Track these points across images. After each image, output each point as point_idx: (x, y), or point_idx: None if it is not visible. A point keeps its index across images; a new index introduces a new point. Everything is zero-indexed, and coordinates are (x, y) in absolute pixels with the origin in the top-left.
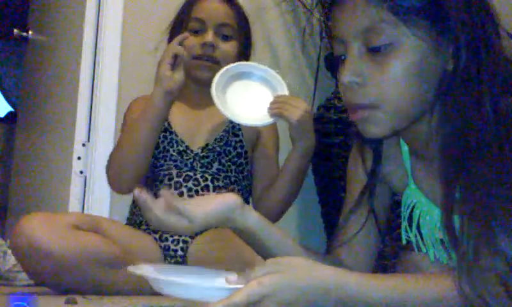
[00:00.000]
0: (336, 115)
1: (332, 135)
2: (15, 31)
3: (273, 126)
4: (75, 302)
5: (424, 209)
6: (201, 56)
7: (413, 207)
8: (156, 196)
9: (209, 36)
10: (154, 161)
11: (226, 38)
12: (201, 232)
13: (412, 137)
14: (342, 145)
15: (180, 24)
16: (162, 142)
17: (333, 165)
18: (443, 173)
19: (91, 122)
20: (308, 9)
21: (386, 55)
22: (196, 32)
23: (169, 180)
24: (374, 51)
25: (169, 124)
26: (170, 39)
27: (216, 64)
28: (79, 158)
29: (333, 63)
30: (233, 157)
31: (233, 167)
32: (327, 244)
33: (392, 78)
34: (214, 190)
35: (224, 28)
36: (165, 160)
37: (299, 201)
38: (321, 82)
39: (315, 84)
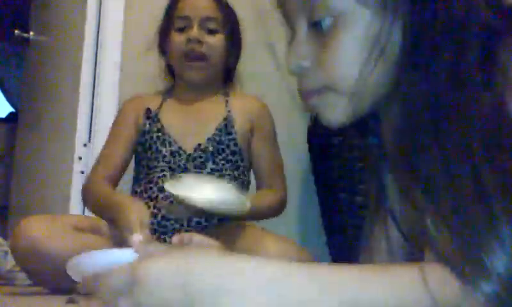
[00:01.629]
0: None
1: (331, 136)
2: (16, 31)
3: (267, 115)
4: (76, 302)
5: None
6: (189, 54)
7: None
8: (151, 199)
9: (194, 32)
10: (147, 162)
11: (212, 32)
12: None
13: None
14: (341, 145)
15: (166, 25)
16: (155, 142)
17: (332, 166)
18: (394, 171)
19: (92, 123)
20: None
21: (331, 30)
22: (182, 30)
23: (164, 182)
24: (317, 28)
25: (162, 125)
26: (160, 41)
27: (205, 62)
28: (80, 158)
29: None
30: (227, 156)
31: (227, 166)
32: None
33: (339, 56)
34: None
35: (209, 22)
36: (158, 162)
37: (299, 201)
38: None
39: None
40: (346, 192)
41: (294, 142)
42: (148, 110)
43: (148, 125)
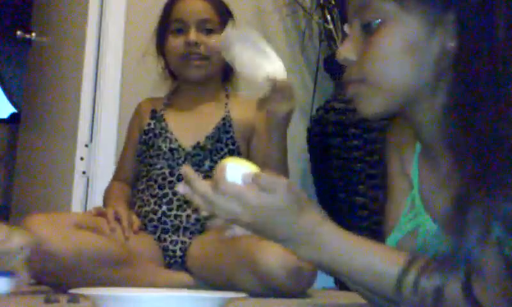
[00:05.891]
0: (336, 117)
1: (331, 137)
2: (18, 32)
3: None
4: (54, 301)
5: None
6: (188, 55)
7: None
8: (152, 195)
9: (192, 35)
10: (149, 160)
11: (209, 32)
12: (200, 232)
13: (418, 126)
14: (341, 146)
15: (163, 28)
16: (157, 140)
17: (332, 166)
18: (452, 185)
19: (94, 123)
20: (307, 12)
21: (377, 31)
22: (179, 32)
23: (163, 179)
24: (367, 28)
25: (166, 124)
26: (158, 43)
27: (205, 61)
28: (81, 158)
29: (332, 66)
30: (224, 154)
31: None
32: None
33: (377, 55)
34: None
35: (206, 23)
36: (158, 159)
37: None
38: (320, 84)
39: (315, 86)
40: (346, 192)
41: (294, 142)
42: (154, 111)
43: (152, 124)
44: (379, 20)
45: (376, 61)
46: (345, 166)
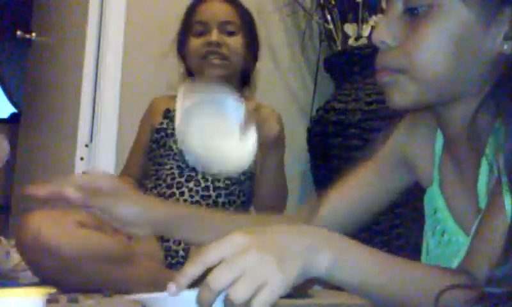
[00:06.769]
0: (336, 117)
1: (331, 137)
2: (18, 32)
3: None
4: (57, 301)
5: (448, 225)
6: (208, 53)
7: (435, 211)
8: (159, 194)
9: (214, 35)
10: (158, 159)
11: (230, 34)
12: None
13: (447, 121)
14: (341, 146)
15: (185, 30)
16: (169, 139)
17: (332, 167)
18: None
19: (94, 123)
20: (307, 12)
21: (424, 18)
22: (200, 34)
23: (172, 179)
24: (412, 12)
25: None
26: (179, 47)
27: (225, 61)
28: (81, 158)
29: (332, 66)
30: None
31: None
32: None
33: (424, 44)
34: (214, 191)
35: (227, 25)
36: (168, 159)
37: (298, 201)
38: (320, 84)
39: (315, 86)
40: None
41: (294, 142)
42: (167, 110)
43: (165, 124)
44: (428, 5)
45: (421, 50)
46: (345, 166)
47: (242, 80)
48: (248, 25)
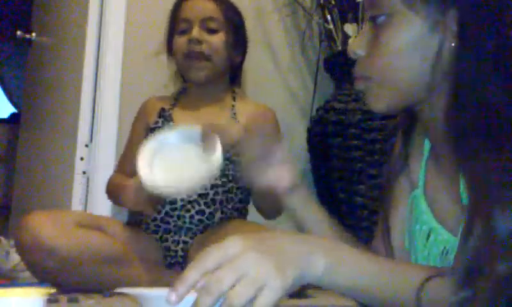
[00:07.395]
0: (335, 117)
1: (331, 137)
2: (19, 32)
3: (272, 122)
4: (78, 301)
5: (433, 226)
6: (190, 54)
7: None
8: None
9: (194, 32)
10: None
11: (212, 31)
12: (201, 232)
13: (427, 124)
14: (341, 146)
15: (170, 28)
16: None
17: (332, 167)
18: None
19: (94, 123)
20: (307, 12)
21: (384, 27)
22: (184, 32)
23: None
24: (374, 23)
25: (173, 122)
26: (167, 45)
27: (206, 61)
28: (81, 158)
29: (332, 66)
30: (230, 156)
31: (231, 166)
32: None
33: (384, 50)
34: (211, 188)
35: (209, 22)
36: None
37: None
38: (320, 84)
39: (315, 86)
40: (346, 192)
41: (294, 142)
42: (163, 109)
43: (160, 123)
44: (386, 15)
45: (381, 56)
46: (345, 166)
47: (232, 78)
48: (232, 22)
